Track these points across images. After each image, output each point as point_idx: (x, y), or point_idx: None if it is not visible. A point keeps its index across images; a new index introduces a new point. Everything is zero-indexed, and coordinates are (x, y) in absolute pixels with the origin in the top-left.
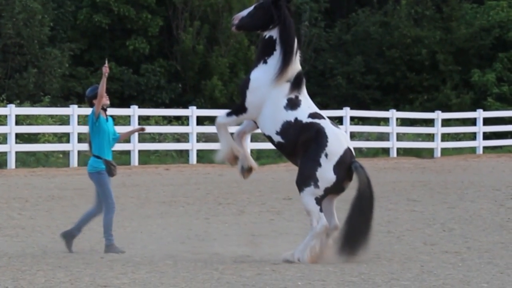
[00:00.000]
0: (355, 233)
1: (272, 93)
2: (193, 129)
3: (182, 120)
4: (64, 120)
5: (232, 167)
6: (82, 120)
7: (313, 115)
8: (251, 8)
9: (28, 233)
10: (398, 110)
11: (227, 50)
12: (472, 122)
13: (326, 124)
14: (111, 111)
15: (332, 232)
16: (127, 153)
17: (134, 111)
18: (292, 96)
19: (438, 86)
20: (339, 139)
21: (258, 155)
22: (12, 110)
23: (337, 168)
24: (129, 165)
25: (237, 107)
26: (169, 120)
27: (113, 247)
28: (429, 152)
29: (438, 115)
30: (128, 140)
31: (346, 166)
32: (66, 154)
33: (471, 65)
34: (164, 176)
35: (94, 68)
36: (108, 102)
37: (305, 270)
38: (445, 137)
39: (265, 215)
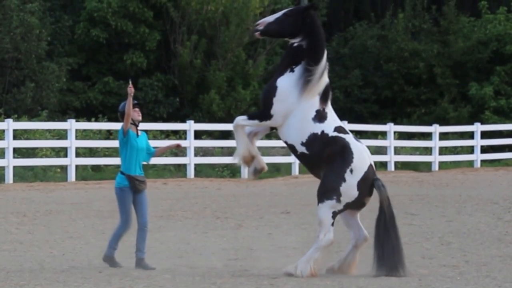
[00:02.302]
0: (388, 254)
1: (302, 104)
2: (190, 143)
3: (180, 134)
4: (61, 135)
5: (245, 167)
6: (80, 134)
7: (338, 129)
8: (279, 14)
9: (26, 247)
10: (395, 123)
11: (224, 64)
12: (470, 135)
13: (350, 139)
14: (109, 125)
15: (362, 244)
16: None
17: None
18: (320, 108)
19: (436, 100)
20: (363, 155)
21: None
22: (9, 125)
23: (361, 184)
24: None
25: (262, 113)
26: (167, 135)
27: (111, 260)
28: (427, 166)
29: (436, 129)
30: None
31: (369, 183)
32: (64, 168)
33: (468, 79)
34: (162, 190)
35: (91, 83)
36: (139, 118)
37: (303, 284)
38: (443, 151)
39: (263, 229)
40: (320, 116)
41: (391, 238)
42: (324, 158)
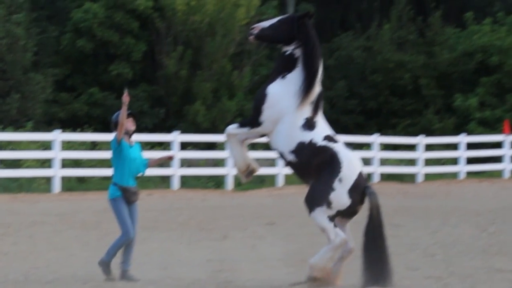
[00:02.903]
0: (375, 262)
1: (291, 111)
2: (176, 154)
3: (165, 146)
4: (46, 146)
5: (243, 175)
6: (65, 145)
7: (327, 138)
8: (275, 20)
9: (10, 259)
10: (380, 135)
11: (210, 75)
12: (455, 147)
13: (340, 148)
14: (95, 136)
15: (348, 255)
16: (110, 178)
17: None
18: (310, 116)
19: (421, 111)
20: (352, 164)
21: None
22: None
23: (352, 192)
24: None
25: (252, 120)
26: (152, 146)
27: (106, 266)
28: (412, 177)
29: (421, 140)
30: (110, 166)
31: (360, 190)
32: (48, 179)
33: (454, 90)
34: (146, 201)
35: (77, 93)
36: (133, 128)
37: None
38: (428, 162)
39: (248, 240)
40: (309, 125)
41: (378, 247)
42: (313, 167)
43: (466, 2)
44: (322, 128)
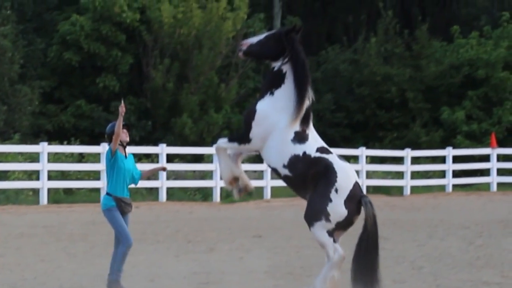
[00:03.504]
0: (365, 272)
1: (279, 125)
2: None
3: (152, 158)
4: (33, 158)
5: (232, 187)
6: (52, 157)
7: (321, 150)
8: (262, 36)
9: None
10: (367, 147)
11: (197, 88)
12: (442, 160)
13: (333, 159)
14: (81, 148)
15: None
16: (97, 190)
17: (104, 149)
18: (299, 129)
19: (408, 124)
20: (347, 174)
21: (228, 192)
22: None
23: (348, 202)
24: (99, 203)
25: (241, 136)
26: (139, 158)
27: (117, 284)
28: (399, 190)
29: (408, 153)
30: (98, 178)
31: (356, 200)
32: (36, 191)
33: (440, 103)
34: (133, 213)
35: (64, 106)
36: (127, 139)
37: None
38: (415, 175)
39: (235, 253)
40: (299, 138)
41: (371, 258)
42: (309, 180)
43: (452, 15)
44: (315, 140)
